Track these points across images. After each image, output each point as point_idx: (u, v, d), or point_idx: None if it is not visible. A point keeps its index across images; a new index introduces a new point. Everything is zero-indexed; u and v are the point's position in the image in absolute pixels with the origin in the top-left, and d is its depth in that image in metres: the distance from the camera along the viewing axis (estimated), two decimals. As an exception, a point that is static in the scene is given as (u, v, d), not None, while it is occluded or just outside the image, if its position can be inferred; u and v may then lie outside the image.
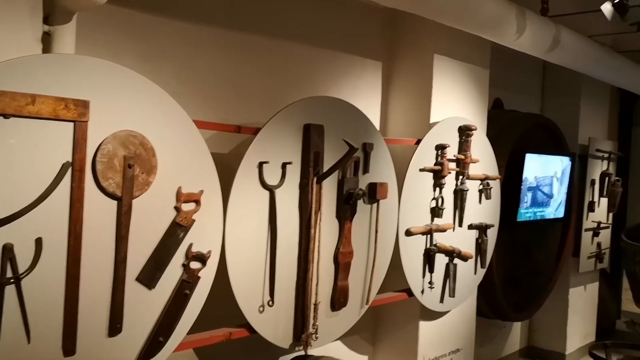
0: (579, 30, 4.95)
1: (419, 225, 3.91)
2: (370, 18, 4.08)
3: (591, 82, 5.91)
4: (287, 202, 3.03)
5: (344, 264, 3.33)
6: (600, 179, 6.26)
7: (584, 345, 6.27)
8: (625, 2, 3.54)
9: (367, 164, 3.46)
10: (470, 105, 4.44)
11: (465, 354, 4.58)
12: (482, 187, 4.41)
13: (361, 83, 4.05)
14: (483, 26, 3.75)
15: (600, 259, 6.41)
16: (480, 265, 4.47)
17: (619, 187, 6.45)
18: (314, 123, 3.11)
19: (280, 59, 3.50)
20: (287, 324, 3.08)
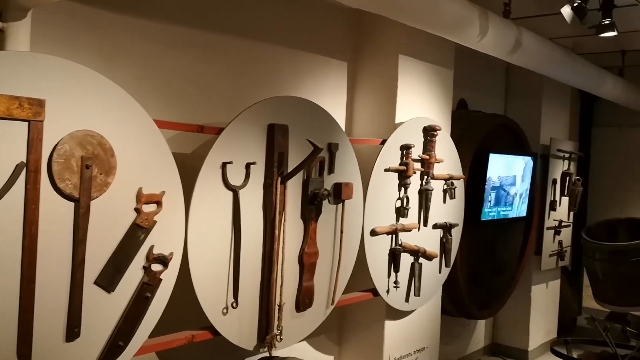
0: (541, 32, 5.03)
1: (384, 225, 3.92)
2: (336, 18, 4.08)
3: (552, 84, 6.03)
4: (251, 202, 3.00)
5: (309, 264, 3.32)
6: (561, 179, 6.40)
7: (546, 342, 6.39)
8: (583, 5, 3.61)
9: (332, 164, 3.46)
10: (434, 106, 4.48)
11: (431, 353, 4.62)
12: (447, 186, 4.45)
13: (326, 83, 4.04)
14: (446, 27, 3.78)
15: (561, 257, 6.55)
16: (445, 264, 4.51)
17: (579, 187, 6.60)
18: (279, 123, 3.09)
19: (244, 58, 3.47)
20: (251, 326, 3.06)
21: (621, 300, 6.08)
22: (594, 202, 8.17)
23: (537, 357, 6.37)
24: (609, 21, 3.88)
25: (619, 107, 7.19)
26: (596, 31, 3.94)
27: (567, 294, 7.40)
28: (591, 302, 6.74)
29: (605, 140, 8.26)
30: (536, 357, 6.37)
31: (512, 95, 6.42)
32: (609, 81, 6.10)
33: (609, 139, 8.24)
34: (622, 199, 8.07)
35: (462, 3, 3.75)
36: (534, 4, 4.82)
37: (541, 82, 6.10)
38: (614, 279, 6.06)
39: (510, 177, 5.45)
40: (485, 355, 6.33)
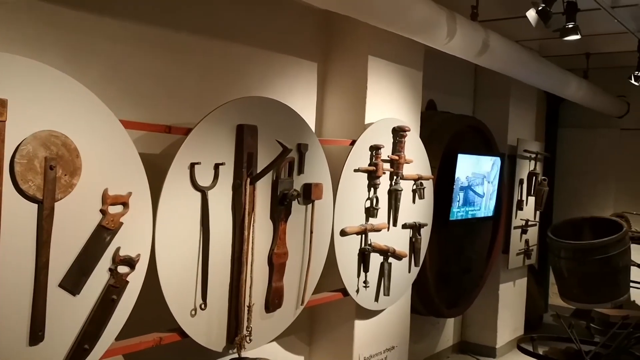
0: (508, 35, 5.12)
1: (354, 225, 3.94)
2: (306, 18, 4.09)
3: (519, 85, 6.14)
4: (220, 203, 2.99)
5: (278, 265, 3.32)
6: (528, 179, 6.52)
7: (513, 339, 6.50)
8: (548, 9, 3.68)
9: (302, 165, 3.46)
10: (404, 107, 4.52)
11: (400, 351, 4.66)
12: (416, 187, 4.49)
13: (296, 83, 4.04)
14: (415, 29, 3.82)
15: (528, 256, 6.67)
16: (414, 263, 4.55)
17: (545, 186, 6.73)
18: (248, 124, 3.08)
19: (213, 59, 3.45)
20: (220, 327, 3.04)
21: (585, 297, 6.20)
22: (559, 201, 8.35)
23: (505, 354, 6.48)
24: (572, 25, 3.97)
25: (583, 109, 7.36)
26: (560, 34, 4.03)
27: (534, 291, 7.55)
28: (557, 299, 6.87)
29: (570, 141, 8.45)
30: (504, 354, 6.48)
31: (480, 97, 6.52)
32: (573, 83, 6.24)
33: (574, 140, 8.42)
34: (586, 198, 8.26)
35: (430, 5, 3.80)
36: (500, 7, 4.91)
37: (508, 84, 6.20)
38: (578, 276, 6.17)
39: (478, 177, 5.53)
40: (454, 353, 6.42)
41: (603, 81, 7.22)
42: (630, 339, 4.96)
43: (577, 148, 8.41)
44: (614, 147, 8.19)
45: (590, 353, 4.81)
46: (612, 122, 8.14)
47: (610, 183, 8.22)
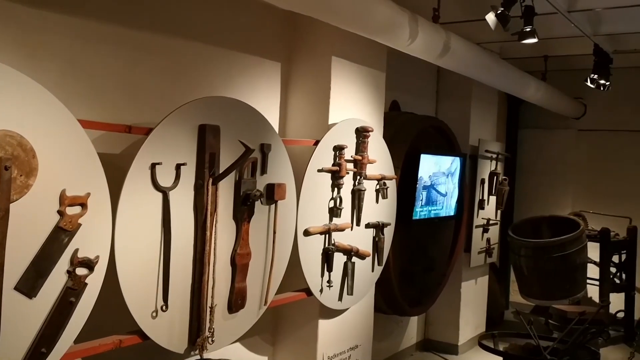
0: (469, 37, 5.21)
1: (317, 225, 3.96)
2: (269, 18, 4.08)
3: (481, 87, 6.25)
4: (181, 204, 2.97)
5: (241, 265, 3.31)
6: (489, 178, 6.64)
7: (475, 336, 6.61)
8: (506, 13, 3.76)
9: (265, 165, 3.46)
10: (367, 107, 4.55)
11: (364, 350, 4.70)
12: (379, 186, 4.53)
13: (260, 83, 4.04)
14: (377, 31, 3.85)
15: (489, 254, 6.80)
16: (378, 262, 4.60)
17: (506, 186, 6.87)
18: (210, 124, 3.06)
19: (175, 58, 3.41)
20: (182, 329, 3.02)
21: (544, 294, 6.36)
22: (520, 200, 8.52)
23: (467, 351, 6.59)
24: (530, 28, 4.06)
25: (543, 110, 7.54)
26: (518, 38, 4.11)
27: (495, 289, 7.69)
28: (517, 296, 7.02)
29: (530, 142, 8.64)
30: (466, 351, 6.59)
31: (442, 98, 6.61)
32: (532, 85, 6.38)
33: (534, 141, 8.62)
34: (546, 197, 8.46)
35: (392, 7, 3.84)
36: (462, 10, 4.99)
37: (470, 85, 6.31)
38: (537, 274, 6.33)
39: (441, 177, 5.61)
40: (417, 351, 6.49)
41: (561, 83, 7.41)
42: (586, 335, 5.09)
43: (537, 148, 8.61)
44: (571, 148, 8.41)
45: (549, 349, 4.93)
46: (570, 124, 8.35)
47: (569, 183, 8.43)
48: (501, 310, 7.91)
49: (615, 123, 8.06)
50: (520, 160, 8.62)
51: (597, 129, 8.21)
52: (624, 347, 6.49)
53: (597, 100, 7.82)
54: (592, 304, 7.06)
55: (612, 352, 6.56)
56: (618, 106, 7.95)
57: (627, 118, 7.97)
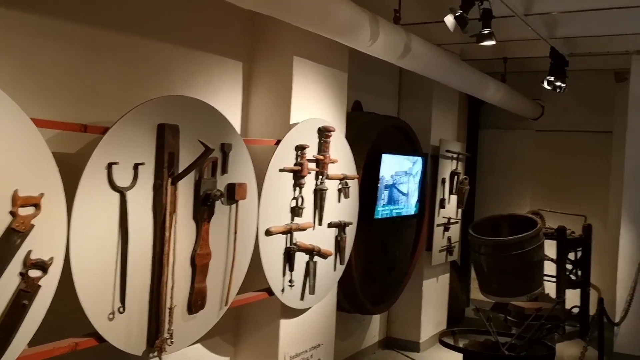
0: (430, 38, 5.28)
1: (279, 224, 3.96)
2: (231, 17, 4.06)
3: (442, 88, 6.34)
4: (139, 204, 2.93)
5: (201, 265, 3.29)
6: (450, 178, 6.74)
7: (436, 333, 6.70)
8: (465, 15, 3.83)
9: (226, 165, 3.44)
10: (329, 107, 4.57)
11: (326, 349, 4.72)
12: (341, 186, 4.56)
13: (221, 83, 4.01)
14: (338, 31, 3.87)
15: (450, 252, 6.90)
16: (340, 262, 4.62)
17: (466, 185, 6.99)
18: (169, 123, 3.03)
19: (133, 56, 3.37)
20: (140, 330, 2.98)
21: (503, 291, 6.50)
22: (480, 199, 8.68)
23: (428, 348, 6.68)
24: (488, 31, 4.14)
25: (502, 111, 7.69)
26: (477, 40, 4.19)
27: (456, 287, 7.82)
28: (478, 294, 7.15)
29: (490, 142, 8.81)
30: (427, 348, 6.68)
31: (404, 98, 6.69)
32: (491, 86, 6.51)
33: (494, 141, 8.79)
34: (505, 196, 8.64)
35: (353, 8, 3.86)
36: (423, 12, 5.05)
37: (431, 86, 6.40)
38: (497, 271, 6.46)
39: (402, 176, 5.67)
40: (379, 349, 6.55)
41: (520, 85, 7.57)
42: (543, 330, 5.23)
43: (497, 148, 8.78)
44: (530, 148, 8.61)
45: (507, 344, 5.04)
46: (529, 124, 8.55)
47: (527, 182, 8.63)
48: (462, 308, 8.04)
49: (572, 124, 8.28)
50: (480, 160, 8.78)
51: (554, 129, 8.42)
52: (579, 342, 6.67)
53: (554, 101, 8.02)
54: (550, 300, 7.24)
55: (568, 347, 6.75)
56: (574, 107, 8.18)
57: (583, 119, 8.20)
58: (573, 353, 6.42)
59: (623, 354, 6.54)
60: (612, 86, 7.72)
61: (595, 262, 7.57)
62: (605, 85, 7.83)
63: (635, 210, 6.58)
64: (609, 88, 7.77)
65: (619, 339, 6.59)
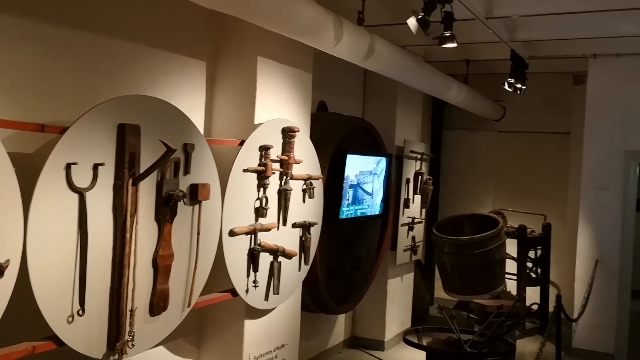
0: (394, 40, 5.33)
1: (243, 225, 3.95)
2: (194, 16, 4.02)
3: (406, 89, 6.40)
4: (99, 205, 2.88)
5: (163, 267, 3.26)
6: (414, 178, 6.82)
7: (401, 332, 6.77)
8: (427, 18, 3.88)
9: (188, 165, 3.42)
10: (294, 107, 4.58)
11: (291, 349, 4.72)
12: (306, 186, 4.57)
13: (184, 82, 3.98)
14: (302, 32, 3.88)
15: (414, 251, 6.99)
16: (304, 262, 4.63)
17: (430, 185, 7.08)
18: (130, 123, 2.99)
19: (93, 54, 3.31)
20: (100, 333, 2.94)
21: (466, 289, 6.61)
22: (444, 199, 8.81)
23: (392, 347, 6.74)
24: (449, 33, 4.20)
25: (465, 112, 7.81)
26: (439, 42, 4.25)
27: (421, 286, 7.92)
28: (442, 292, 7.25)
29: (453, 142, 8.95)
30: (392, 347, 6.74)
31: (369, 99, 6.74)
32: (454, 88, 6.60)
33: (457, 141, 8.93)
34: (468, 196, 8.79)
35: (317, 9, 3.88)
36: (387, 13, 5.10)
37: (395, 87, 6.46)
38: (459, 270, 6.57)
39: (367, 176, 5.72)
40: (345, 348, 6.59)
41: (482, 86, 7.70)
42: (504, 327, 5.33)
43: (460, 149, 8.92)
44: (492, 149, 8.78)
45: (469, 341, 5.12)
46: (491, 125, 8.71)
47: (489, 182, 8.80)
48: (426, 306, 8.14)
49: (532, 125, 8.48)
50: (444, 160, 8.91)
51: (516, 130, 8.61)
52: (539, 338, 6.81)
53: (515, 103, 8.19)
54: (511, 298, 7.38)
55: (528, 343, 6.91)
56: (534, 109, 8.37)
57: (543, 120, 8.40)
58: (533, 349, 6.56)
59: (581, 349, 6.74)
60: (570, 88, 7.93)
61: (555, 260, 7.77)
62: (564, 88, 8.04)
63: (592, 209, 6.77)
64: (568, 90, 7.98)
65: (576, 335, 6.78)
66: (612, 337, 6.64)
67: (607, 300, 6.64)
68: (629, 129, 6.62)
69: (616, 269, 6.65)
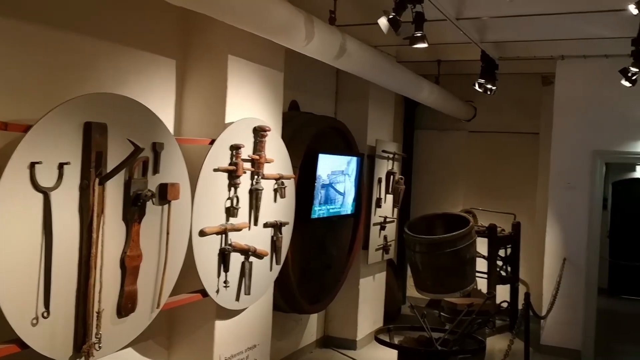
0: (367, 40, 5.35)
1: (213, 225, 3.91)
2: (164, 13, 3.97)
3: (378, 88, 6.43)
4: (65, 205, 2.83)
5: (131, 267, 3.21)
6: (386, 178, 6.85)
7: (373, 331, 6.80)
8: (398, 18, 3.90)
9: (157, 165, 3.37)
10: (265, 107, 4.55)
11: (262, 349, 4.70)
12: (277, 186, 4.55)
13: (153, 81, 3.92)
14: (273, 31, 3.87)
15: (386, 251, 7.02)
16: (276, 261, 4.61)
17: (402, 185, 7.12)
18: (96, 121, 2.94)
19: (59, 51, 3.24)
20: (66, 336, 2.88)
21: (437, 288, 6.66)
22: (416, 199, 8.88)
23: (365, 346, 6.76)
24: (420, 33, 4.23)
25: (437, 112, 7.88)
26: (409, 42, 4.27)
27: (393, 285, 7.96)
28: (414, 291, 7.30)
29: (425, 142, 9.02)
30: (364, 345, 6.76)
31: (341, 98, 6.75)
32: (426, 88, 6.65)
33: (429, 141, 9.00)
34: (440, 195, 8.86)
35: (288, 8, 3.86)
36: (359, 13, 5.10)
37: (367, 87, 6.48)
38: (431, 269, 6.61)
39: (339, 176, 5.72)
40: (317, 348, 6.59)
41: (453, 87, 7.78)
42: (474, 325, 5.40)
43: (432, 149, 9.00)
44: (463, 148, 8.87)
45: (440, 339, 5.17)
46: (462, 125, 8.80)
47: (461, 181, 8.89)
48: (398, 305, 8.19)
49: (502, 125, 8.59)
50: (416, 160, 8.97)
51: (486, 130, 8.71)
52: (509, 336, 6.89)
53: (486, 103, 8.29)
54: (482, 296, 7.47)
55: (498, 341, 7.00)
56: (505, 109, 8.48)
57: (513, 121, 8.53)
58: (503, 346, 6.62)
59: (549, 346, 6.85)
60: (539, 89, 8.06)
61: (524, 259, 7.89)
62: (533, 89, 8.17)
63: (560, 208, 6.89)
64: (537, 91, 8.11)
65: (545, 331, 6.90)
66: (579, 334, 6.77)
67: (574, 297, 6.76)
68: (595, 129, 6.76)
69: (583, 266, 6.79)
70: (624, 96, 6.46)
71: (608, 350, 7.20)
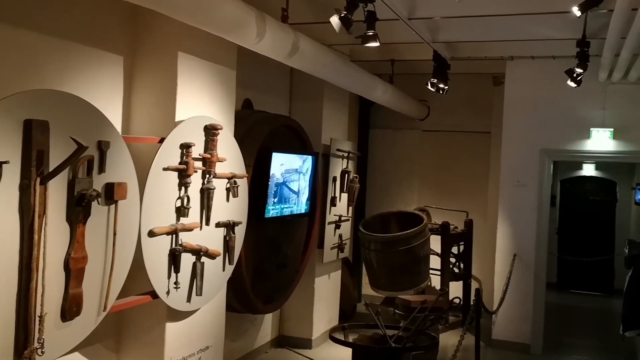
0: (320, 39, 5.34)
1: (163, 225, 3.84)
2: (110, 9, 3.87)
3: (333, 87, 6.43)
4: (4, 205, 2.72)
5: (76, 270, 3.12)
6: (341, 176, 6.87)
7: (328, 330, 6.80)
8: (349, 16, 3.90)
9: (103, 164, 3.28)
10: (217, 105, 4.49)
11: (215, 351, 4.64)
12: (230, 185, 4.50)
13: (99, 78, 3.81)
14: (223, 28, 3.81)
15: (341, 249, 7.04)
16: (229, 261, 4.56)
17: (357, 184, 7.15)
18: (37, 119, 2.84)
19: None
20: (6, 341, 2.77)
21: (391, 285, 6.71)
22: (371, 197, 8.93)
23: (320, 345, 6.76)
24: (372, 32, 4.24)
25: (391, 111, 7.94)
26: (361, 41, 4.28)
27: (348, 283, 7.99)
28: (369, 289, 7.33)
29: (380, 141, 9.08)
30: (319, 344, 6.76)
31: (296, 97, 6.73)
32: (379, 87, 6.70)
33: (384, 140, 9.07)
34: (394, 193, 8.94)
35: (239, 5, 3.82)
36: (312, 12, 5.09)
37: (322, 86, 6.48)
38: (385, 266, 6.66)
39: (293, 175, 5.70)
40: (272, 347, 6.55)
41: (407, 86, 7.85)
42: (427, 321, 5.45)
43: (386, 147, 9.07)
44: (417, 147, 8.98)
45: (393, 337, 5.20)
46: (416, 124, 8.90)
47: (415, 180, 8.99)
48: (354, 304, 8.23)
49: (454, 124, 8.73)
50: (370, 159, 9.03)
51: (439, 129, 8.83)
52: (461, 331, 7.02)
53: (439, 103, 8.41)
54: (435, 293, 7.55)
55: (451, 336, 7.10)
56: (457, 109, 8.62)
57: (465, 120, 8.67)
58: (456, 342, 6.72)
59: (500, 340, 7.00)
60: (490, 89, 8.22)
61: (477, 255, 8.04)
62: (484, 88, 8.33)
63: (510, 205, 7.05)
64: (488, 91, 8.26)
65: (496, 326, 7.04)
66: (528, 328, 6.94)
67: (524, 292, 6.93)
68: (543, 128, 6.94)
69: (532, 262, 6.96)
70: (571, 96, 6.65)
71: (557, 343, 7.40)
